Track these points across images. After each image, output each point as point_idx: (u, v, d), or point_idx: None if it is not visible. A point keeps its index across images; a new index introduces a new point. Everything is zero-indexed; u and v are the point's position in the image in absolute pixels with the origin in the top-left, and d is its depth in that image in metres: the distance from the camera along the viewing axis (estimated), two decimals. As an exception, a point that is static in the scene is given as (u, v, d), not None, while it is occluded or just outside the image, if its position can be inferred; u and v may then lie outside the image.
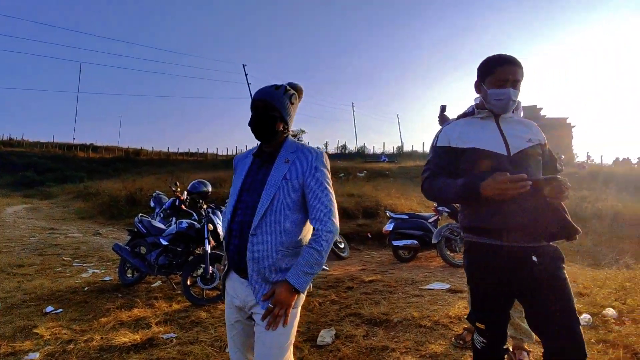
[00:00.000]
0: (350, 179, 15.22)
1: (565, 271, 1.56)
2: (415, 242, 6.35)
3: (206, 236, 4.28)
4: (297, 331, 1.63)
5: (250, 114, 1.60)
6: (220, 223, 4.50)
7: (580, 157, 23.89)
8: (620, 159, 23.56)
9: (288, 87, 1.61)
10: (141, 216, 5.12)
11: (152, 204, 7.49)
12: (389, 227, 6.59)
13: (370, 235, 8.57)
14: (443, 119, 2.77)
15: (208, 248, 4.21)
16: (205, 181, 5.30)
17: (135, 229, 5.00)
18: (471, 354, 1.86)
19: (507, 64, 1.59)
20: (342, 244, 7.19)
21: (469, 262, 1.71)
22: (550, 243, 1.59)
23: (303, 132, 30.20)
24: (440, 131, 1.75)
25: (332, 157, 25.95)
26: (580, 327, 1.48)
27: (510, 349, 2.60)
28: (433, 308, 3.57)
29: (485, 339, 1.64)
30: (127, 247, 4.80)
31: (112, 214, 12.99)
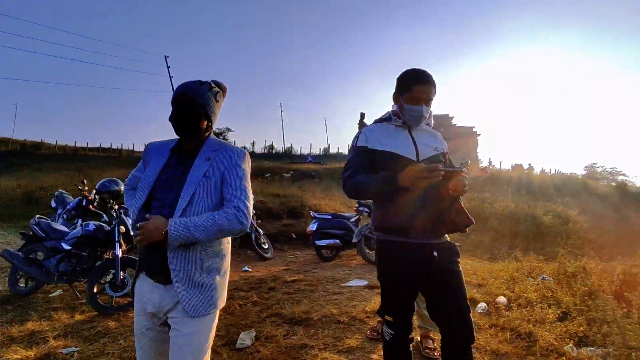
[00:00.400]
0: (276, 179, 15.19)
1: (459, 265, 1.75)
2: (338, 241, 6.56)
3: (117, 239, 3.97)
4: (216, 335, 1.61)
5: (171, 108, 1.52)
6: None
7: (484, 163, 26.56)
8: (515, 165, 26.73)
9: (213, 84, 1.57)
10: (38, 218, 4.57)
11: (53, 204, 6.76)
12: (312, 227, 6.72)
13: (294, 236, 8.65)
14: (362, 125, 2.95)
15: (119, 252, 3.90)
16: (117, 179, 4.91)
17: (31, 233, 4.45)
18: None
19: (423, 84, 1.74)
20: (266, 244, 7.16)
21: (379, 258, 1.83)
22: (448, 239, 1.79)
23: (229, 130, 29.34)
24: (359, 133, 1.87)
25: (259, 157, 25.64)
26: (470, 315, 1.68)
27: (418, 338, 2.83)
28: (351, 304, 3.72)
29: (393, 330, 1.76)
30: (20, 253, 4.25)
31: (4, 216, 11.36)
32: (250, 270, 5.81)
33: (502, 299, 3.74)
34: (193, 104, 1.49)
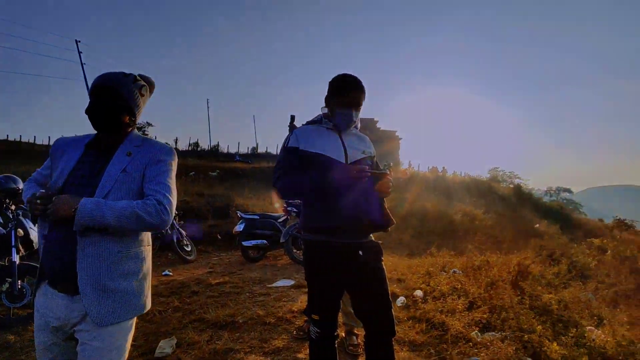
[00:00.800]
0: (201, 178, 14.58)
1: (383, 263, 1.85)
2: (265, 241, 6.51)
3: (13, 244, 3.49)
4: (132, 345, 1.50)
5: (87, 99, 1.38)
6: (35, 227, 3.76)
7: (405, 165, 28.23)
8: (431, 167, 28.90)
9: (138, 77, 1.47)
10: None
11: None
12: (239, 227, 6.58)
13: (219, 237, 8.39)
14: (293, 127, 2.98)
15: (16, 258, 3.44)
16: (15, 176, 4.31)
17: None
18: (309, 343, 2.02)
19: (355, 90, 1.81)
20: (189, 246, 6.83)
21: (307, 258, 1.87)
22: (372, 238, 1.88)
23: (149, 125, 27.26)
24: (291, 134, 1.89)
25: (183, 154, 24.31)
26: (392, 311, 1.79)
27: (342, 334, 2.93)
28: (278, 305, 3.72)
29: (319, 328, 1.80)
30: None
31: None
32: (171, 274, 5.51)
33: (419, 293, 4.03)
34: (114, 96, 1.38)
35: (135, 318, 1.45)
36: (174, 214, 1.41)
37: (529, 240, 9.41)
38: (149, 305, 1.47)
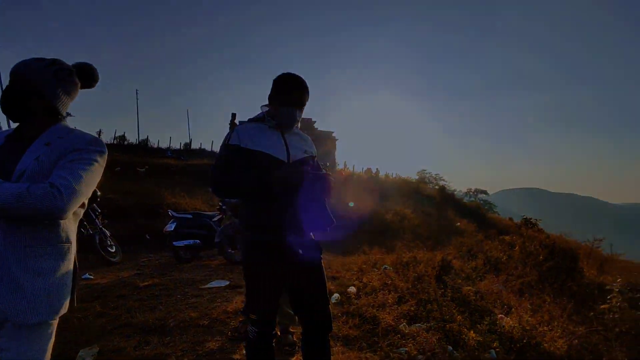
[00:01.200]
0: (128, 174, 13.62)
1: (322, 262, 1.90)
2: (198, 241, 6.29)
3: None
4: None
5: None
6: None
7: (341, 165, 28.89)
8: (365, 168, 29.98)
9: (57, 62, 1.38)
10: None
11: None
12: (170, 227, 6.28)
13: (148, 237, 7.93)
14: (233, 125, 2.93)
15: None
16: None
17: None
18: (245, 344, 2.01)
19: (298, 89, 1.82)
20: (113, 247, 6.37)
21: (245, 257, 1.85)
22: (312, 237, 1.92)
23: (68, 114, 24.55)
24: (233, 131, 1.85)
25: (107, 148, 22.44)
26: (330, 307, 1.84)
27: (278, 333, 2.94)
28: (212, 306, 3.62)
29: (257, 327, 1.80)
30: None
31: None
32: (92, 277, 5.09)
33: (352, 289, 4.18)
34: (21, 82, 1.31)
35: (56, 325, 1.35)
36: (74, 203, 1.25)
37: (451, 237, 10.18)
38: (63, 308, 1.37)
